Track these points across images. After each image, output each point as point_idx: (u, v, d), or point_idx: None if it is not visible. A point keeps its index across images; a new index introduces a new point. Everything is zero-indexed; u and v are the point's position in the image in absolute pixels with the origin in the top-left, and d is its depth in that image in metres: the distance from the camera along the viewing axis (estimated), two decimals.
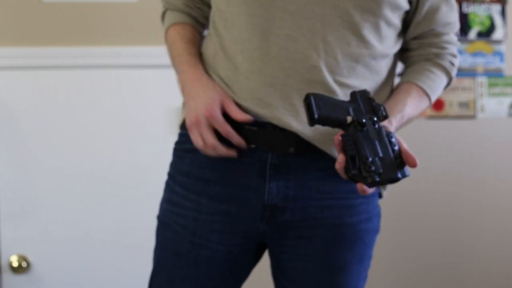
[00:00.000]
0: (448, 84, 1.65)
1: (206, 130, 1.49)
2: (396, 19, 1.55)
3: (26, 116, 2.61)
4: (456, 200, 2.89)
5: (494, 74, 2.86)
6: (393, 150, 1.31)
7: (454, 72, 1.64)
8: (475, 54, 2.84)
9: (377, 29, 1.51)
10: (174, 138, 1.69)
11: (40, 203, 2.64)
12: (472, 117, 2.86)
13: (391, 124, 1.46)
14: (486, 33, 2.85)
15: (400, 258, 2.88)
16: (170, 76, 2.67)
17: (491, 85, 2.87)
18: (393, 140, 1.33)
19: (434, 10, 1.59)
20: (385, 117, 1.39)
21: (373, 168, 1.28)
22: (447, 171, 2.88)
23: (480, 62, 2.85)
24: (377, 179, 1.28)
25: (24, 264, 2.64)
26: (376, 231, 1.62)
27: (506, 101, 2.89)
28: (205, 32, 1.70)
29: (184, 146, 1.60)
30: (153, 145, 2.67)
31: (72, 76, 2.63)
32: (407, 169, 1.32)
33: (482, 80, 2.86)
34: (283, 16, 1.48)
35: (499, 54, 2.86)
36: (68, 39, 2.62)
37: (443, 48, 1.62)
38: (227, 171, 1.54)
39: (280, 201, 1.52)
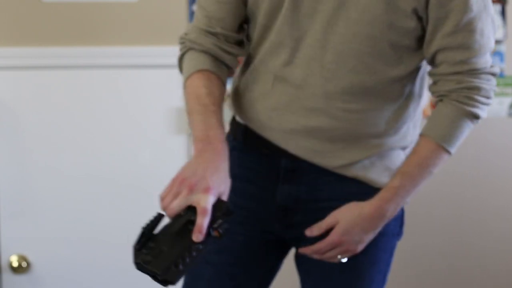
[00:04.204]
0: (474, 119, 1.54)
1: (183, 198, 1.35)
2: (407, 40, 1.51)
3: (26, 116, 2.61)
4: (456, 200, 2.89)
5: None
6: (183, 259, 1.26)
7: (478, 108, 1.52)
8: None
9: (383, 54, 1.50)
10: (174, 138, 1.71)
11: (40, 203, 2.64)
12: None
13: (385, 202, 1.50)
14: None
15: (400, 259, 2.87)
16: (170, 76, 2.67)
17: None
18: (193, 252, 1.27)
19: (441, 25, 1.48)
20: (213, 230, 1.32)
21: (145, 251, 1.27)
22: (447, 171, 2.87)
23: None
24: (139, 263, 1.27)
25: (24, 264, 2.64)
26: (393, 234, 1.64)
27: (506, 101, 2.89)
28: None
29: None
30: (153, 145, 2.67)
31: (72, 76, 2.63)
32: (177, 279, 1.26)
33: None
34: (288, 42, 1.52)
35: (499, 54, 2.86)
36: (68, 39, 2.62)
37: (459, 82, 1.51)
38: (251, 171, 1.62)
39: (292, 203, 1.58)
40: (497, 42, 2.86)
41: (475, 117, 1.54)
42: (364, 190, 1.57)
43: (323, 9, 1.48)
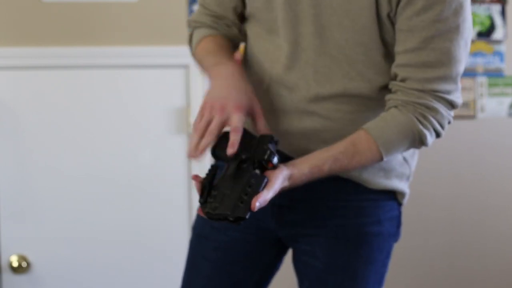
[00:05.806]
0: (418, 142, 1.47)
1: (219, 120, 1.40)
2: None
3: (26, 116, 2.62)
4: (456, 200, 2.89)
5: (494, 74, 2.87)
6: (246, 192, 1.32)
7: (428, 131, 1.46)
8: (475, 54, 2.84)
9: (375, 63, 1.49)
10: (174, 138, 1.70)
11: (40, 203, 2.64)
12: (472, 117, 2.86)
13: (301, 172, 1.41)
14: (486, 33, 2.85)
15: (400, 260, 2.88)
16: (170, 76, 2.67)
17: (491, 85, 2.87)
18: (252, 181, 1.33)
19: (404, 40, 1.44)
20: (266, 162, 1.37)
21: (211, 200, 1.33)
22: (447, 171, 2.88)
23: (480, 62, 2.85)
24: (208, 211, 1.33)
25: (24, 264, 2.64)
26: (389, 235, 1.63)
27: (506, 101, 2.89)
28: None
29: None
30: (153, 145, 2.67)
31: (72, 76, 2.63)
32: (246, 212, 1.31)
33: (482, 80, 2.86)
34: (283, 45, 1.53)
35: (499, 54, 2.86)
36: (68, 39, 2.62)
37: (418, 97, 1.45)
38: None
39: (286, 201, 1.57)
40: (497, 42, 2.86)
41: (421, 140, 1.46)
42: (358, 190, 1.58)
43: (317, 13, 1.48)
